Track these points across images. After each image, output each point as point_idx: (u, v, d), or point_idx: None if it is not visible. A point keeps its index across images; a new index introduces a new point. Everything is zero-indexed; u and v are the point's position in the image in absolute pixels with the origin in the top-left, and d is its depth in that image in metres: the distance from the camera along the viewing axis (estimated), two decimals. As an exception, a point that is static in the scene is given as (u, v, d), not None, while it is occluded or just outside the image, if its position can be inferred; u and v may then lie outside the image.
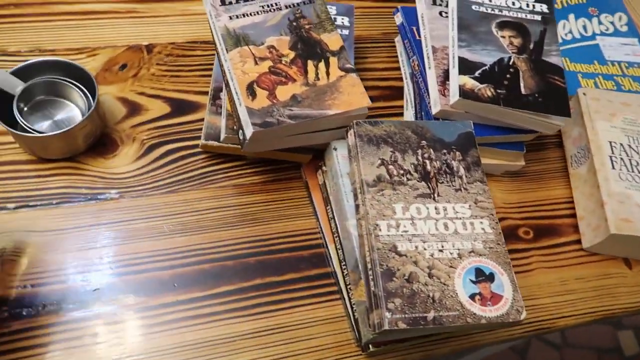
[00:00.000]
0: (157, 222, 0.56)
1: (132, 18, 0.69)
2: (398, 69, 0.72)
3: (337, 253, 0.55)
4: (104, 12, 0.69)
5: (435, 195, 0.50)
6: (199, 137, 0.62)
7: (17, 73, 0.56)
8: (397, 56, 0.73)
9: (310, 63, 0.56)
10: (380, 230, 0.47)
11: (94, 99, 0.57)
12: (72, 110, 0.59)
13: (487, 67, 0.60)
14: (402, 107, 0.69)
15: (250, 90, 0.53)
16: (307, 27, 0.58)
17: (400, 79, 0.71)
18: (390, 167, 0.51)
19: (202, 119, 0.63)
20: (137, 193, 0.57)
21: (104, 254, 0.53)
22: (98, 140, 0.59)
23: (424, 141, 0.53)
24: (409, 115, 0.66)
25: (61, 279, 0.52)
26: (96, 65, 0.65)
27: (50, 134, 0.53)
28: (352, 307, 0.52)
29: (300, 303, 0.54)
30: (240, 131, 0.53)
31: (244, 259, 0.56)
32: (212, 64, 0.67)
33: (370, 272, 0.46)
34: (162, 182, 0.58)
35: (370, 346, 0.50)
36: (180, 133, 0.62)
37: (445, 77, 0.61)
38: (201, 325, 0.51)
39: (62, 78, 0.57)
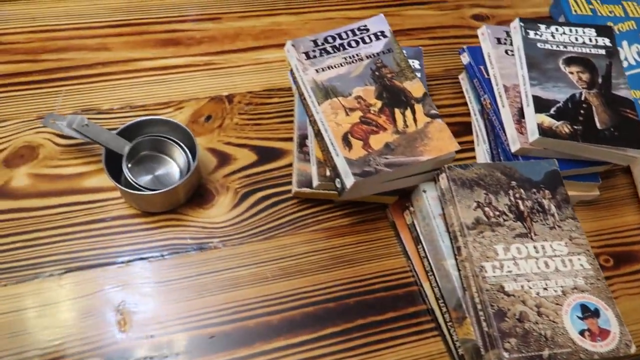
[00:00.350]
0: (259, 268, 0.59)
1: (210, 70, 0.73)
2: (464, 104, 0.75)
3: (433, 291, 0.58)
4: (184, 65, 0.73)
5: (532, 234, 0.53)
6: (287, 183, 0.65)
7: (122, 132, 0.60)
8: (461, 92, 0.76)
9: (397, 111, 0.59)
10: (486, 271, 0.50)
11: (194, 156, 0.60)
12: (171, 165, 0.62)
13: (560, 104, 0.63)
14: (471, 142, 0.72)
15: (346, 141, 0.56)
16: (389, 76, 0.61)
17: (467, 115, 0.74)
18: (486, 209, 0.54)
19: (288, 165, 0.66)
20: (237, 240, 0.60)
21: (214, 301, 0.57)
22: (195, 191, 0.63)
23: (513, 182, 0.56)
24: (481, 150, 0.69)
25: (178, 329, 0.55)
26: (184, 118, 0.68)
27: (161, 191, 0.57)
28: (454, 344, 0.55)
29: (403, 341, 0.57)
30: (338, 179, 0.56)
31: (343, 300, 0.58)
32: (290, 111, 0.71)
33: (481, 313, 0.49)
34: (258, 228, 0.62)
35: (478, 381, 0.53)
36: (269, 180, 0.65)
37: (520, 115, 0.64)
38: (314, 367, 0.54)
39: (164, 136, 0.61)
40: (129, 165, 0.60)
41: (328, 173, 0.59)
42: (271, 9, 0.81)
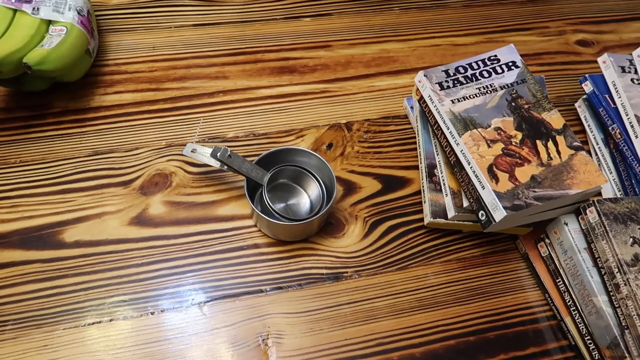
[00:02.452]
0: (396, 299, 0.59)
1: (326, 98, 0.74)
2: (581, 132, 0.74)
3: (577, 327, 0.56)
4: (300, 93, 0.74)
5: (695, 272, 0.51)
6: (414, 212, 0.65)
7: (258, 161, 0.61)
8: (578, 120, 0.75)
9: (539, 143, 0.58)
10: (653, 311, 0.49)
11: (327, 186, 0.61)
12: (302, 195, 0.63)
13: (701, 135, 0.62)
14: (593, 171, 0.71)
15: (492, 173, 0.56)
16: (526, 107, 0.61)
17: (585, 143, 0.73)
18: (644, 245, 0.52)
19: (413, 194, 0.66)
20: (371, 271, 0.60)
21: (355, 333, 0.57)
22: (326, 220, 0.63)
23: (667, 217, 0.55)
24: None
25: None
26: (306, 146, 0.69)
27: (303, 221, 0.57)
28: (605, 383, 0.54)
29: (548, 378, 0.56)
30: (482, 212, 0.56)
31: (483, 334, 0.58)
32: (409, 139, 0.71)
33: (652, 355, 0.48)
34: (391, 258, 0.62)
35: None
36: (396, 209, 0.65)
37: (656, 146, 0.62)
38: (463, 403, 0.53)
39: (300, 166, 0.62)
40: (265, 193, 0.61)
41: (466, 204, 0.59)
42: (379, 36, 0.82)
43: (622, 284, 0.51)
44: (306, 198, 0.63)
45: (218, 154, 0.59)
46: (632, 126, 0.65)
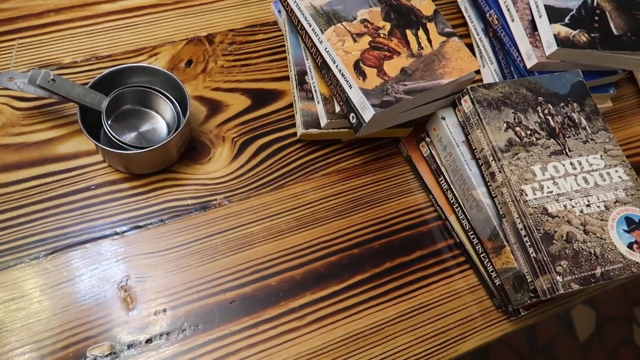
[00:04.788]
0: (272, 221, 0.54)
1: (182, 9, 0.64)
2: (463, 25, 0.69)
3: (461, 224, 0.54)
4: (149, 6, 0.64)
5: (567, 150, 0.49)
6: (289, 127, 0.59)
7: (95, 86, 0.51)
8: (458, 12, 0.70)
9: (409, 32, 0.53)
10: (526, 195, 0.46)
11: (183, 106, 0.53)
12: (156, 119, 0.55)
13: (574, 12, 0.58)
14: (476, 64, 0.67)
15: (359, 70, 0.50)
16: (393, -6, 0.55)
17: (467, 36, 0.69)
18: (517, 129, 0.50)
19: (287, 107, 0.60)
20: (243, 195, 0.54)
21: (228, 263, 0.51)
22: (188, 145, 0.56)
23: (540, 97, 0.52)
24: (488, 72, 0.65)
25: (193, 298, 0.49)
26: (161, 65, 0.60)
27: (150, 147, 0.49)
28: (489, 275, 0.52)
29: (436, 279, 0.54)
30: (352, 114, 0.51)
31: (368, 245, 0.54)
32: (279, 47, 0.63)
33: (526, 239, 0.46)
34: (265, 179, 0.56)
35: (521, 310, 0.50)
36: (268, 125, 0.58)
37: (532, 28, 0.59)
38: (348, 318, 0.50)
39: (146, 86, 0.53)
40: (109, 123, 0.52)
41: (338, 109, 0.53)
42: None
43: (497, 172, 0.48)
44: (162, 122, 0.55)
45: (38, 80, 0.49)
46: (508, 10, 0.61)
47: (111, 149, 0.49)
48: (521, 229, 0.46)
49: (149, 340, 0.47)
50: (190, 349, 0.47)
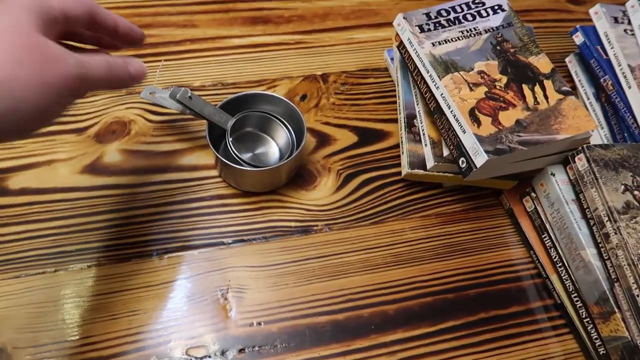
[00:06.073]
0: (369, 254, 0.54)
1: (302, 49, 0.70)
2: (572, 89, 0.69)
3: (564, 284, 0.52)
4: (274, 44, 0.70)
5: (690, 221, 0.47)
6: (392, 166, 0.60)
7: (223, 107, 0.56)
8: (568, 76, 0.70)
9: (525, 87, 0.54)
10: (645, 260, 0.45)
11: (297, 135, 0.56)
12: (271, 144, 0.58)
13: (698, 85, 0.58)
14: (583, 128, 0.67)
15: (474, 117, 0.51)
16: (512, 50, 0.57)
17: (575, 100, 0.69)
18: (636, 192, 0.48)
19: (391, 147, 0.62)
20: (344, 225, 0.56)
21: (323, 288, 0.52)
22: (297, 172, 0.59)
23: (661, 164, 0.51)
24: (597, 137, 0.64)
25: (287, 316, 0.50)
26: (281, 96, 0.64)
27: (265, 168, 0.53)
28: (592, 343, 0.49)
29: (531, 337, 0.51)
30: (463, 159, 0.52)
31: (463, 292, 0.53)
32: (388, 92, 0.67)
33: (643, 306, 0.43)
34: (365, 212, 0.57)
35: (628, 385, 0.47)
36: (372, 162, 0.61)
37: (651, 96, 0.58)
38: (439, 363, 0.49)
39: (269, 113, 0.57)
40: (230, 141, 0.56)
41: (446, 153, 0.54)
42: (360, -11, 0.77)
43: (612, 233, 0.47)
44: (275, 147, 0.59)
45: (177, 95, 0.54)
46: (624, 76, 0.61)
47: (230, 163, 0.53)
48: (637, 295, 0.44)
49: (241, 350, 0.48)
50: (279, 366, 0.48)
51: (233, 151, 0.54)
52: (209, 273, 0.52)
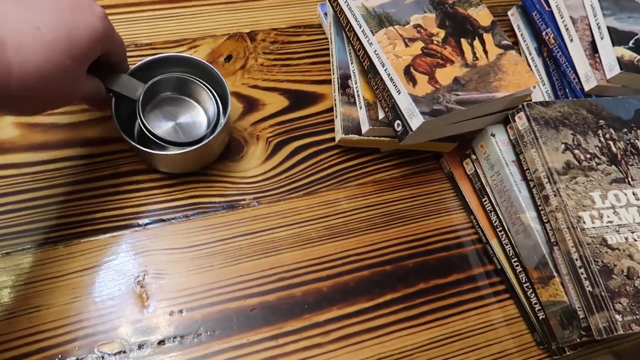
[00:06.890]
0: (301, 228, 0.50)
1: (226, 4, 0.62)
2: (514, 44, 0.66)
3: (504, 249, 0.50)
4: (194, -2, 0.62)
5: (629, 179, 0.46)
6: (326, 131, 0.56)
7: (132, 74, 0.49)
8: (510, 30, 0.67)
9: (464, 41, 0.50)
10: (584, 222, 0.43)
11: (223, 102, 0.50)
12: (197, 112, 0.52)
13: (639, 36, 0.55)
14: (525, 85, 0.64)
15: (409, 76, 0.47)
16: (450, 1, 0.52)
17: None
18: (576, 151, 0.46)
19: (325, 111, 0.57)
20: (274, 197, 0.51)
21: (252, 268, 0.48)
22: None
23: (601, 120, 0.48)
24: (539, 93, 0.61)
25: (212, 301, 0.46)
26: (200, 58, 0.58)
27: (189, 149, 0.46)
28: (532, 308, 0.48)
29: (472, 306, 0.50)
30: (398, 122, 0.48)
31: (402, 262, 0.51)
32: (322, 50, 0.61)
33: (581, 271, 0.42)
34: (297, 183, 0.53)
35: (566, 349, 0.46)
36: (305, 128, 0.56)
37: (592, 50, 0.56)
38: (376, 339, 0.46)
39: (191, 76, 0.50)
40: (144, 112, 0.49)
41: (381, 116, 0.50)
42: (290, -64, 0.70)
43: (552, 195, 0.44)
44: (202, 115, 0.52)
45: (74, 58, 0.47)
46: (567, 29, 0.58)
47: (142, 148, 0.45)
48: (576, 259, 0.42)
49: (161, 342, 0.44)
50: (204, 355, 0.44)
51: (145, 128, 0.47)
52: (121, 259, 0.46)
